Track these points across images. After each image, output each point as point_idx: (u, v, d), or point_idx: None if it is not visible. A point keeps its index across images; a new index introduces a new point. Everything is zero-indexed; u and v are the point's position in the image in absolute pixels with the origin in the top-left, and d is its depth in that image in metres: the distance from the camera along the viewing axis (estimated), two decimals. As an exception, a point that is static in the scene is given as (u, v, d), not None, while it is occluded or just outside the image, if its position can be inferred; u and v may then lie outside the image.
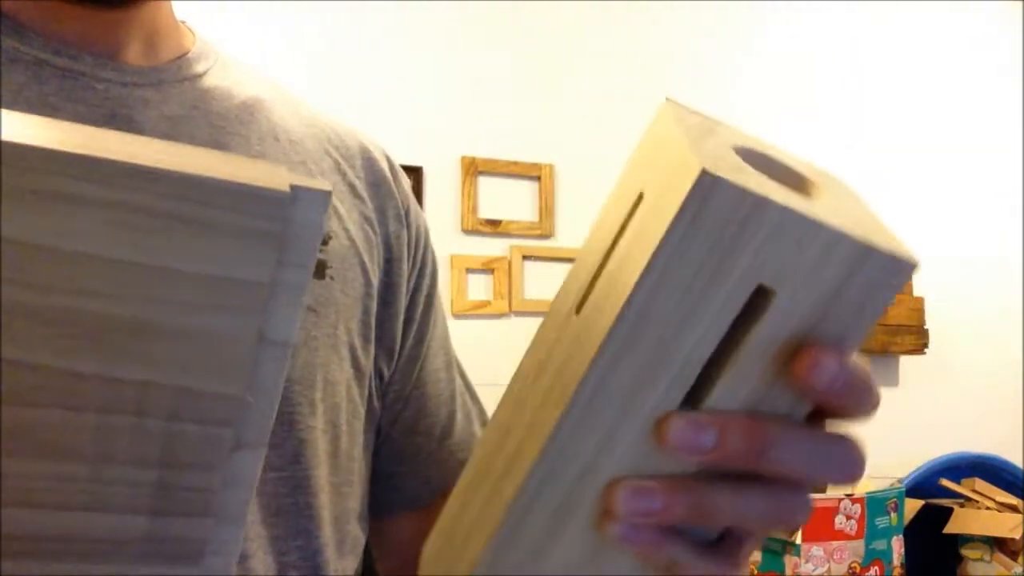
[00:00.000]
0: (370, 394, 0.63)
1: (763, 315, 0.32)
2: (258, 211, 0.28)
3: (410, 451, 0.67)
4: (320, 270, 0.56)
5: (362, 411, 0.62)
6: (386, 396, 0.65)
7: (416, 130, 2.06)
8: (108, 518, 0.30)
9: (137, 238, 0.27)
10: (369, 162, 0.65)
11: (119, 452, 0.30)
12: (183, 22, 0.63)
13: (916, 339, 2.46)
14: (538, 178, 2.17)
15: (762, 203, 0.30)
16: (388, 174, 0.66)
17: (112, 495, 0.30)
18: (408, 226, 0.65)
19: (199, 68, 0.59)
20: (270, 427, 0.32)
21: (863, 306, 0.33)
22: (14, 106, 0.50)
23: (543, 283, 2.15)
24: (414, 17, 2.10)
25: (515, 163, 2.15)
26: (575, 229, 2.19)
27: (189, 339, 0.29)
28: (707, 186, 0.30)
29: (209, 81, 0.59)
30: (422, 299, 0.67)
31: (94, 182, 0.26)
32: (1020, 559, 2.04)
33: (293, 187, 0.29)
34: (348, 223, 0.61)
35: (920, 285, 2.51)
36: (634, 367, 0.33)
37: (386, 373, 0.64)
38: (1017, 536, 2.01)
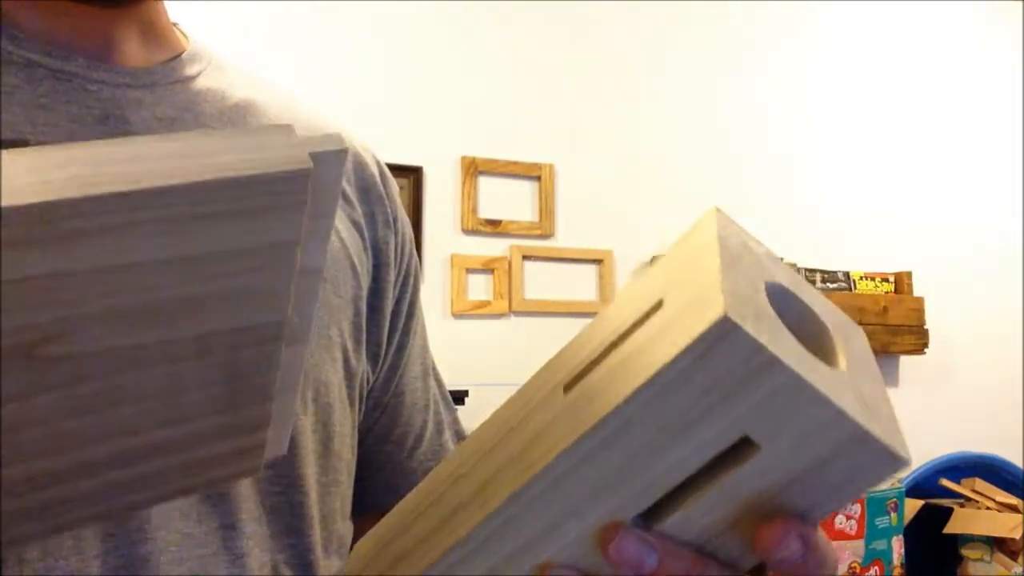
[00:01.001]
0: (361, 396, 0.64)
1: (742, 464, 0.32)
2: (285, 188, 0.31)
3: (380, 459, 0.68)
4: None
5: (351, 412, 0.62)
6: (366, 402, 0.66)
7: (416, 130, 2.06)
8: (183, 427, 0.38)
9: (179, 239, 0.31)
10: (360, 167, 0.66)
11: (186, 386, 0.36)
12: (176, 25, 0.63)
13: (916, 339, 2.46)
14: (538, 178, 2.17)
15: (773, 362, 0.30)
16: (378, 179, 0.67)
17: (184, 412, 0.37)
18: (396, 232, 0.66)
19: (192, 70, 0.59)
20: (311, 325, 0.38)
21: (841, 486, 0.33)
22: (7, 108, 0.51)
23: (543, 283, 2.15)
24: (414, 17, 2.10)
25: (515, 163, 2.15)
26: (575, 229, 2.19)
27: (235, 297, 0.34)
28: (724, 330, 0.30)
29: (202, 83, 0.59)
30: (405, 307, 0.68)
31: (133, 210, 0.29)
32: (1020, 559, 2.04)
33: (313, 155, 0.31)
34: (339, 226, 0.61)
35: (920, 285, 2.51)
36: (603, 469, 0.33)
37: (370, 378, 0.65)
38: (1017, 536, 2.01)
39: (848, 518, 1.69)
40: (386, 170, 0.69)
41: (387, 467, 0.69)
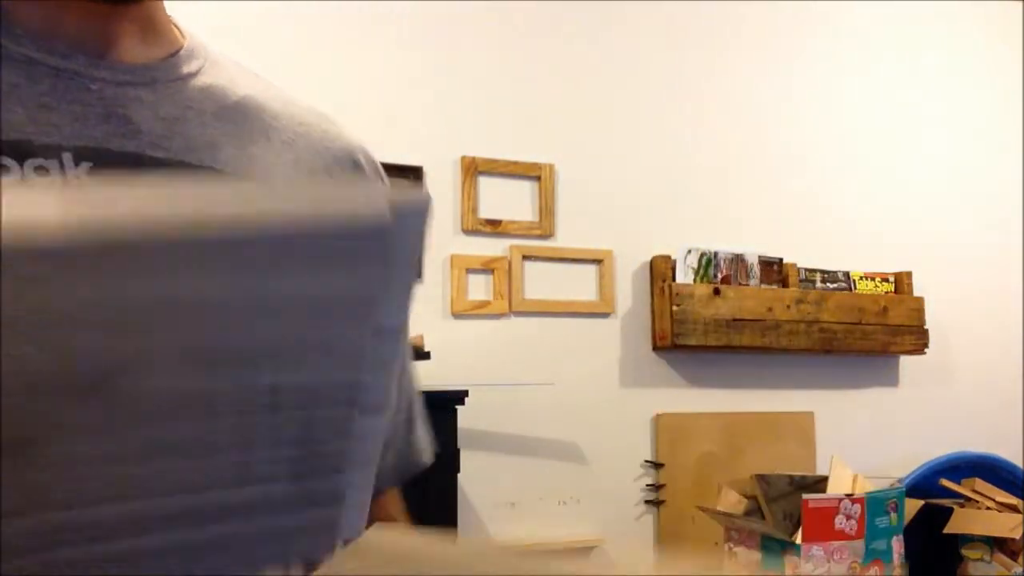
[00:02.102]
0: None
1: None
2: (362, 240, 0.31)
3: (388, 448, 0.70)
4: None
5: None
6: None
7: (416, 130, 2.06)
8: (254, 488, 0.36)
9: (254, 284, 0.31)
10: (354, 164, 0.68)
11: (258, 440, 0.35)
12: (172, 20, 0.63)
13: (916, 339, 2.46)
14: (538, 178, 2.17)
15: None
16: (369, 175, 0.70)
17: (255, 471, 0.36)
18: None
19: (191, 67, 0.60)
20: (392, 395, 0.38)
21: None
22: (8, 107, 0.51)
23: (543, 283, 2.15)
24: (414, 17, 2.10)
25: (515, 163, 2.15)
26: (575, 229, 2.19)
27: (309, 350, 0.33)
28: None
29: (202, 80, 0.60)
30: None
31: (211, 252, 0.30)
32: (1020, 559, 2.04)
33: (393, 203, 0.31)
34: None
35: (920, 285, 2.51)
36: None
37: None
38: (1017, 536, 2.01)
39: (848, 518, 1.69)
40: (377, 167, 0.71)
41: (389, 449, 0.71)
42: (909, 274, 2.50)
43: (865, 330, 2.39)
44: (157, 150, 0.55)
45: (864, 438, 2.44)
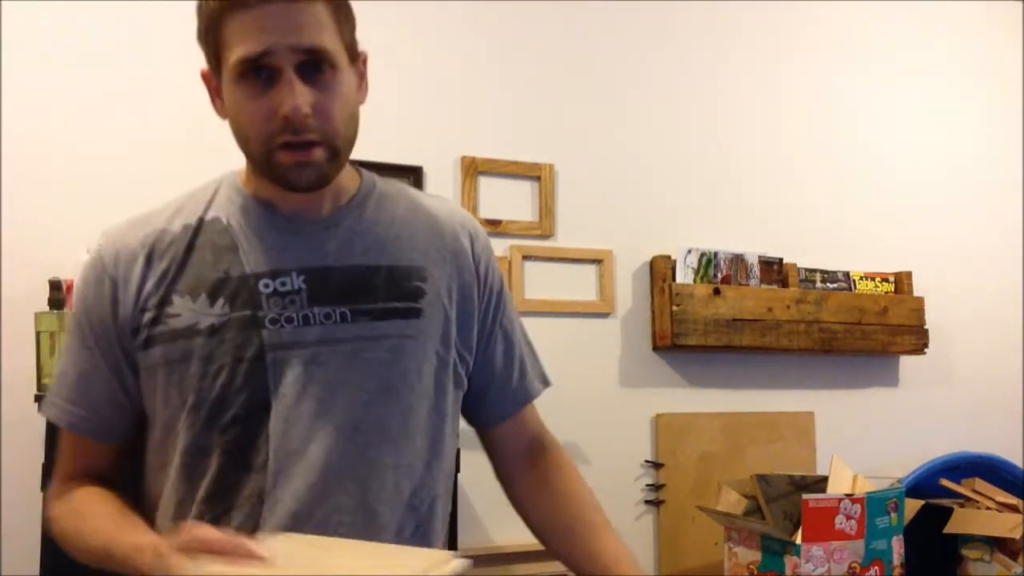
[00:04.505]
0: (456, 373, 1.06)
1: None
2: None
3: (494, 390, 1.13)
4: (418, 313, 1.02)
5: (446, 390, 1.05)
6: (472, 368, 1.10)
7: (416, 130, 2.06)
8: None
9: None
10: (455, 240, 1.09)
11: None
12: (352, 164, 1.03)
13: (916, 339, 2.46)
14: (538, 178, 2.17)
15: None
16: (467, 246, 1.09)
17: None
18: (477, 276, 1.09)
19: (361, 207, 1.04)
20: None
21: None
22: (261, 250, 0.99)
23: (543, 283, 2.15)
24: (414, 17, 2.10)
25: (515, 163, 2.15)
26: (575, 229, 2.19)
27: None
28: None
29: (369, 215, 1.04)
30: (489, 317, 1.11)
31: None
32: (1020, 559, 2.04)
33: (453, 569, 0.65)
34: (438, 281, 1.04)
35: (920, 285, 2.51)
36: None
37: (469, 360, 1.09)
38: (1017, 536, 2.01)
39: (848, 518, 1.69)
40: (477, 236, 1.12)
41: (501, 391, 1.14)
42: (909, 274, 2.50)
43: (865, 330, 2.39)
44: (340, 260, 0.99)
45: (864, 438, 2.44)
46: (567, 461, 1.16)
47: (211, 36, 0.93)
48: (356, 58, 1.02)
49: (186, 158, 1.80)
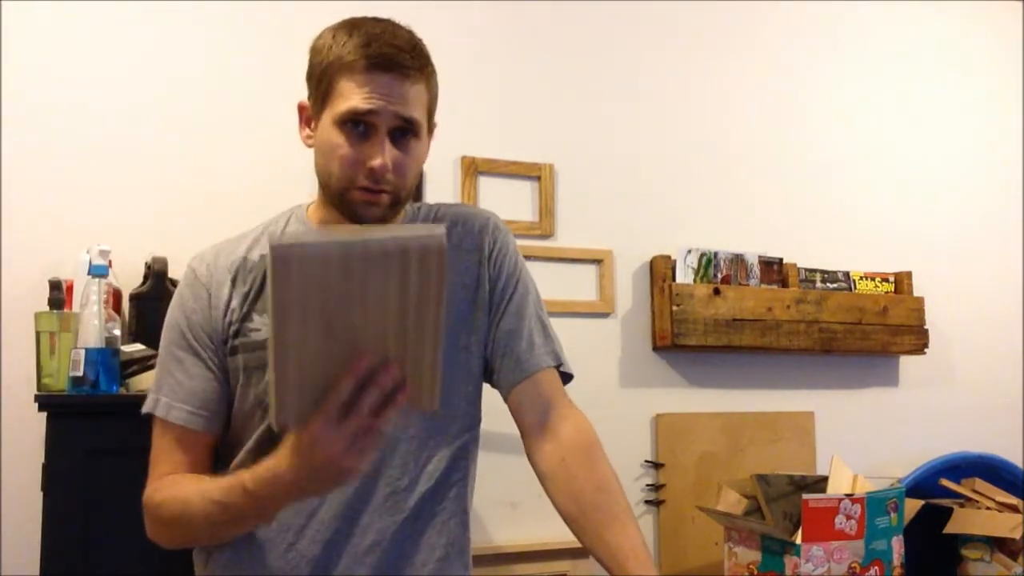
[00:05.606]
0: (482, 347, 1.25)
1: None
2: (424, 254, 0.80)
3: (510, 358, 1.24)
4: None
5: (472, 373, 1.24)
6: (492, 343, 1.25)
7: (416, 130, 2.06)
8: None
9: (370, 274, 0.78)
10: (471, 235, 1.27)
11: None
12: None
13: (916, 339, 2.46)
14: (538, 178, 2.17)
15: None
16: (480, 239, 1.27)
17: None
18: (492, 266, 1.27)
19: (408, 225, 1.21)
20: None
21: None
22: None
23: (543, 283, 2.13)
24: (413, 18, 2.10)
25: (515, 163, 2.15)
26: (575, 229, 2.19)
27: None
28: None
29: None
30: (503, 302, 1.27)
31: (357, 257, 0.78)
32: (1020, 559, 2.04)
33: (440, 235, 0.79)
34: (458, 272, 1.22)
35: (920, 285, 2.51)
36: None
37: (486, 336, 1.25)
38: (1017, 536, 2.01)
39: (848, 518, 1.69)
40: (493, 231, 1.29)
41: (515, 358, 1.24)
42: (909, 274, 2.50)
43: (865, 330, 2.39)
44: None
45: (864, 438, 2.44)
46: (589, 441, 1.24)
47: (325, 79, 1.13)
48: (432, 128, 1.21)
49: (186, 158, 1.80)
